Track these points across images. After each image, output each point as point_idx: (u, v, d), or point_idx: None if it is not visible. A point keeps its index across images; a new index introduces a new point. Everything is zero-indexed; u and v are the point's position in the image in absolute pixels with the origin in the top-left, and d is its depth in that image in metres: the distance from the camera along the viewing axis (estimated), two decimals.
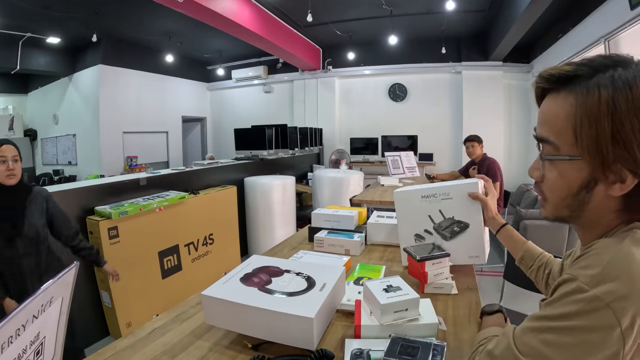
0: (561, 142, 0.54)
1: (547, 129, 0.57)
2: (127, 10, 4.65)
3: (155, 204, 2.67)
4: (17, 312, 0.46)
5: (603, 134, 0.50)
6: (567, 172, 0.55)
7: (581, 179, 0.54)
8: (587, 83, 0.52)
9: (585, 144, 0.51)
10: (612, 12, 3.20)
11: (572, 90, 0.53)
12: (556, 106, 0.55)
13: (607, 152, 0.50)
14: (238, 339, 0.84)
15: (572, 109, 0.52)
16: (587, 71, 0.52)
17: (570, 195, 0.56)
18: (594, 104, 0.50)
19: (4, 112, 7.05)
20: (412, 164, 4.13)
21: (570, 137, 0.53)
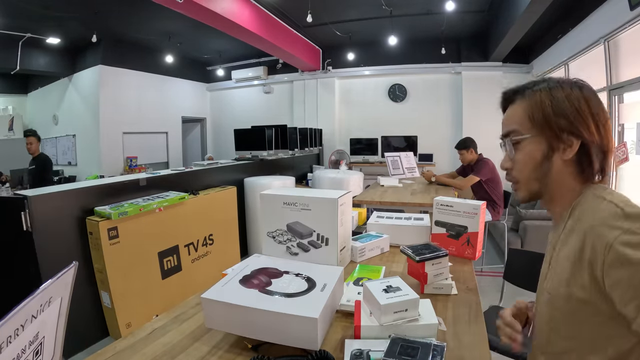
0: (523, 128, 0.76)
1: (510, 124, 0.79)
2: (127, 10, 4.65)
3: (155, 204, 2.67)
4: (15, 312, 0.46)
5: (547, 110, 0.73)
6: (531, 148, 0.75)
7: (541, 151, 0.74)
8: (531, 90, 0.77)
9: (538, 121, 0.74)
10: (612, 12, 3.20)
11: (523, 97, 0.78)
12: (515, 109, 0.79)
13: (553, 122, 0.72)
14: (238, 339, 0.83)
15: (525, 105, 0.77)
16: (530, 85, 0.78)
17: (536, 166, 0.75)
18: (538, 97, 0.75)
19: (4, 112, 7.06)
20: (412, 164, 4.12)
21: (528, 123, 0.76)
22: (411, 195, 3.14)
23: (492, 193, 3.50)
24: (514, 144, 0.78)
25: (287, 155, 5.13)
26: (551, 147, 0.73)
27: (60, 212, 2.27)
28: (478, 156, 3.60)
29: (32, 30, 5.12)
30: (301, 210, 1.17)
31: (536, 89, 0.76)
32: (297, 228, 1.19)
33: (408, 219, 1.54)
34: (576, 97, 0.72)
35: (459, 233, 1.34)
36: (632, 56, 3.08)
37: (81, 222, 2.36)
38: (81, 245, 2.35)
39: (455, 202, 1.35)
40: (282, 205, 1.19)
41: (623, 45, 3.22)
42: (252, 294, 0.82)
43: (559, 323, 0.72)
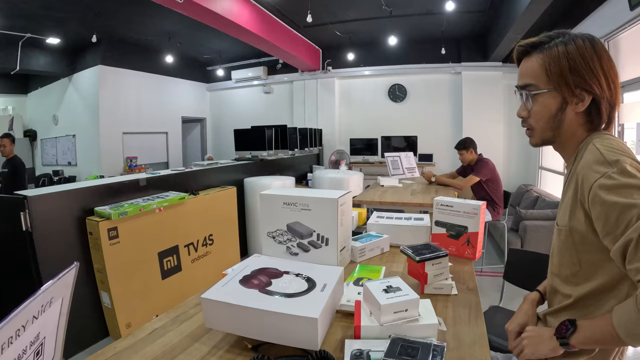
0: (539, 82, 0.83)
1: (528, 77, 0.85)
2: (127, 10, 4.65)
3: (155, 204, 2.67)
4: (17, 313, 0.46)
5: (564, 68, 0.79)
6: (547, 101, 0.83)
7: (556, 104, 0.83)
8: (548, 45, 0.83)
9: (554, 78, 0.80)
10: (612, 12, 3.20)
11: (541, 51, 0.83)
12: (532, 62, 0.85)
13: (569, 79, 0.79)
14: (238, 339, 0.84)
15: (542, 60, 0.82)
16: (546, 39, 0.84)
17: (551, 117, 0.84)
18: (555, 53, 0.81)
19: (4, 112, 7.06)
20: (412, 164, 4.12)
21: (544, 77, 0.82)
22: (411, 195, 3.14)
23: (492, 193, 3.50)
24: (531, 96, 0.84)
25: (287, 156, 5.13)
26: (565, 100, 0.81)
27: (60, 212, 2.27)
28: (478, 156, 3.60)
29: (32, 30, 5.13)
30: (301, 210, 1.17)
31: (552, 44, 0.81)
32: (297, 228, 1.19)
33: (408, 219, 1.54)
34: (590, 54, 0.78)
35: (459, 233, 1.34)
36: (632, 56, 3.08)
37: (81, 222, 2.36)
38: (81, 245, 2.35)
39: (455, 202, 1.35)
40: (282, 205, 1.19)
41: (623, 45, 3.22)
42: (252, 294, 0.82)
43: (565, 251, 0.86)
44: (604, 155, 0.74)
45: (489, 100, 5.86)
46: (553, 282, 0.94)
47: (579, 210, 0.79)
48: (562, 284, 0.90)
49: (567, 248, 0.85)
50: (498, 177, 3.55)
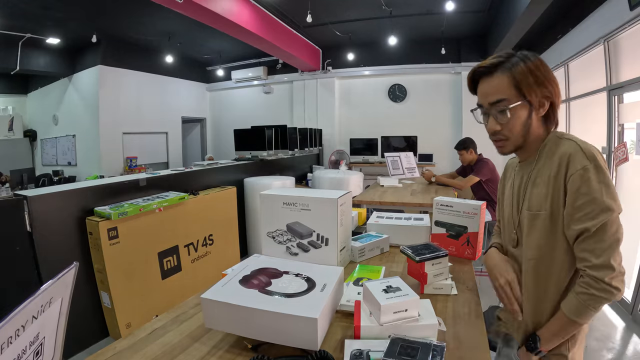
0: (510, 96, 0.92)
1: (498, 94, 0.93)
2: (127, 10, 4.65)
3: (155, 204, 2.67)
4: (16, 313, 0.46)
5: (531, 81, 0.90)
6: (519, 112, 0.93)
7: (526, 113, 0.93)
8: (509, 63, 0.92)
9: (526, 90, 0.91)
10: (612, 12, 3.20)
11: (503, 69, 0.93)
12: (498, 80, 0.93)
13: (537, 91, 0.91)
14: (238, 339, 0.84)
15: (509, 77, 0.92)
16: (504, 59, 0.93)
17: (523, 125, 0.94)
18: (521, 70, 0.91)
19: (4, 112, 7.06)
20: (412, 164, 4.12)
21: (514, 91, 0.92)
22: (411, 195, 3.14)
23: (491, 193, 3.50)
24: (503, 110, 0.93)
25: (287, 156, 5.13)
26: (532, 109, 0.93)
27: (60, 212, 2.27)
28: (478, 156, 3.60)
29: (32, 30, 5.13)
30: (301, 210, 1.17)
31: (513, 62, 0.92)
32: (297, 228, 1.19)
33: (408, 219, 1.54)
34: (544, 68, 0.92)
35: (459, 233, 1.34)
36: (632, 56, 3.08)
37: (81, 222, 2.36)
38: (81, 245, 2.35)
39: (455, 202, 1.35)
40: (282, 205, 1.19)
41: (623, 45, 3.22)
42: (252, 294, 0.81)
43: (533, 232, 0.95)
44: (583, 150, 0.86)
45: None
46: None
47: (559, 190, 0.89)
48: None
49: (536, 230, 0.94)
50: (498, 177, 3.54)
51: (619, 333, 2.51)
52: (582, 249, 0.86)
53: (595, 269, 0.84)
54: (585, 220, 0.84)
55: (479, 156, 3.59)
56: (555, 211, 0.90)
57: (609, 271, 0.83)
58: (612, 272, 0.83)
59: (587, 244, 0.85)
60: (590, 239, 0.84)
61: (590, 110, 3.81)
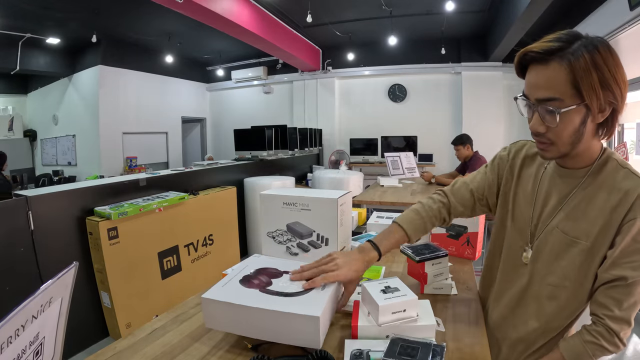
0: (565, 96, 0.72)
1: (551, 90, 0.73)
2: (127, 10, 4.66)
3: (155, 204, 2.67)
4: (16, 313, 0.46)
5: (595, 82, 0.70)
6: (572, 117, 0.74)
7: (580, 118, 0.74)
8: (570, 52, 0.71)
9: (586, 93, 0.71)
10: (612, 12, 3.20)
11: (562, 59, 0.72)
12: (553, 72, 0.73)
13: (600, 94, 0.71)
14: (238, 339, 0.84)
15: (567, 71, 0.71)
16: (565, 44, 0.72)
17: (574, 132, 0.75)
18: (583, 64, 0.70)
19: (4, 112, 7.06)
20: (412, 164, 4.13)
21: (571, 91, 0.72)
22: (411, 195, 3.14)
23: None
24: (552, 111, 0.74)
25: (287, 156, 5.13)
26: (589, 113, 0.74)
27: (60, 212, 2.27)
28: (473, 153, 3.63)
29: (32, 30, 5.13)
30: (301, 210, 1.17)
31: (576, 51, 0.71)
32: (297, 228, 1.19)
33: None
34: (614, 64, 0.72)
35: (459, 233, 1.34)
36: (632, 56, 3.08)
37: (81, 222, 2.36)
38: (81, 245, 2.35)
39: None
40: (282, 205, 1.19)
41: (623, 45, 3.22)
42: (253, 294, 0.81)
43: (564, 259, 0.83)
44: None
45: (489, 100, 5.86)
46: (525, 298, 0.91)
47: (609, 230, 0.78)
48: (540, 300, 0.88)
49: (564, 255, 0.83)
50: None
51: None
52: (608, 296, 0.78)
53: (614, 321, 0.76)
54: (627, 269, 0.75)
55: (475, 153, 3.62)
56: (597, 247, 0.79)
57: (626, 327, 0.77)
58: (628, 329, 0.77)
59: (616, 292, 0.77)
60: (621, 289, 0.76)
61: None
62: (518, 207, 0.94)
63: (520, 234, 0.93)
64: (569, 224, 0.83)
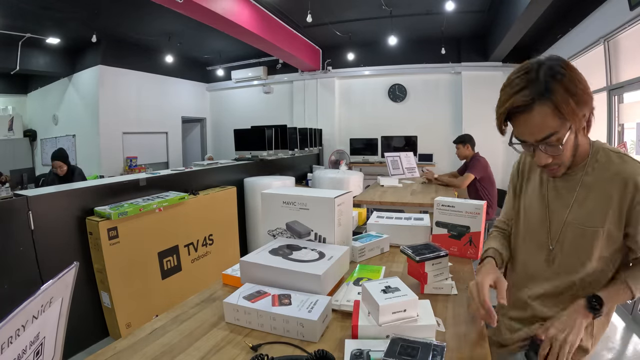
0: (558, 128, 0.85)
1: (546, 129, 0.85)
2: (127, 10, 4.65)
3: (155, 204, 2.67)
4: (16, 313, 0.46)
5: (574, 105, 0.82)
6: (569, 139, 0.87)
7: (574, 135, 0.89)
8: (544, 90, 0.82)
9: (570, 117, 0.83)
10: (612, 12, 3.20)
11: (543, 101, 0.82)
12: (539, 116, 0.84)
13: (579, 113, 0.84)
14: (238, 339, 0.84)
15: (552, 108, 0.82)
16: (536, 82, 0.83)
17: (573, 148, 0.92)
18: (561, 96, 0.81)
19: (4, 112, 7.06)
20: (412, 164, 4.13)
21: (559, 121, 0.84)
22: (411, 195, 3.14)
23: (482, 192, 3.52)
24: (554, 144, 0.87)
25: (287, 155, 5.13)
26: (578, 128, 0.88)
27: (60, 212, 2.27)
28: (474, 154, 3.63)
29: (32, 30, 5.12)
30: (300, 209, 1.18)
31: (548, 86, 0.81)
32: (296, 227, 1.19)
33: (408, 219, 1.54)
34: (577, 78, 0.83)
35: (461, 233, 1.34)
36: (632, 56, 3.08)
37: (81, 222, 2.36)
38: (81, 245, 2.35)
39: (456, 203, 1.35)
40: (282, 204, 1.20)
41: (623, 45, 3.22)
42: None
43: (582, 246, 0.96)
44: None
45: (489, 100, 5.82)
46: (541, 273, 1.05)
47: (619, 214, 0.91)
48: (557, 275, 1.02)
49: (586, 245, 0.95)
50: (491, 176, 3.58)
51: (619, 333, 2.51)
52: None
53: None
54: None
55: (475, 154, 3.63)
56: (612, 229, 0.93)
57: None
58: None
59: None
60: None
61: None
62: (527, 212, 1.10)
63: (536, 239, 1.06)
64: (584, 214, 0.95)
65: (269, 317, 0.85)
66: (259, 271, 1.02)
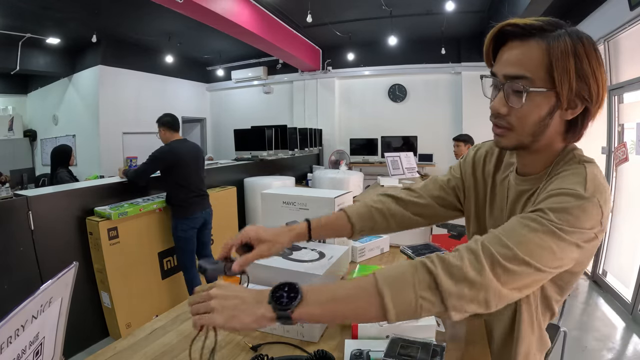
0: (535, 77, 0.65)
1: (523, 68, 0.66)
2: (127, 10, 4.65)
3: (155, 204, 2.67)
4: (16, 313, 0.46)
5: (571, 68, 0.64)
6: (539, 102, 0.67)
7: (549, 107, 0.67)
8: (552, 34, 0.65)
9: (559, 77, 0.64)
10: (612, 12, 3.20)
11: (542, 39, 0.65)
12: (530, 50, 0.66)
13: (572, 83, 0.64)
14: (238, 339, 0.84)
15: (544, 52, 0.65)
16: (549, 27, 0.66)
17: (538, 121, 0.68)
18: (562, 48, 0.64)
19: (4, 112, 7.05)
20: (412, 164, 4.12)
21: (543, 73, 0.65)
22: None
23: None
24: (519, 91, 0.67)
25: (287, 156, 5.13)
26: (558, 104, 0.67)
27: (60, 212, 2.27)
28: None
29: (32, 30, 5.12)
30: (299, 209, 1.18)
31: (558, 35, 0.65)
32: None
33: None
34: (595, 58, 0.65)
35: (461, 233, 1.34)
36: (632, 56, 3.08)
37: (81, 222, 2.36)
38: (81, 245, 2.35)
39: None
40: (282, 204, 1.20)
41: (623, 45, 3.22)
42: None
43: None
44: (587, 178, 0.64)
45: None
46: None
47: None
48: None
49: None
50: None
51: (619, 333, 2.51)
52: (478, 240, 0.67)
53: None
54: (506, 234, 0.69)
55: None
56: None
57: None
58: None
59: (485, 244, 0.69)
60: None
61: None
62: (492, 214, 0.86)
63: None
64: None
65: None
66: (259, 271, 1.02)
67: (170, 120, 2.75)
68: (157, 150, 2.65)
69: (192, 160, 2.75)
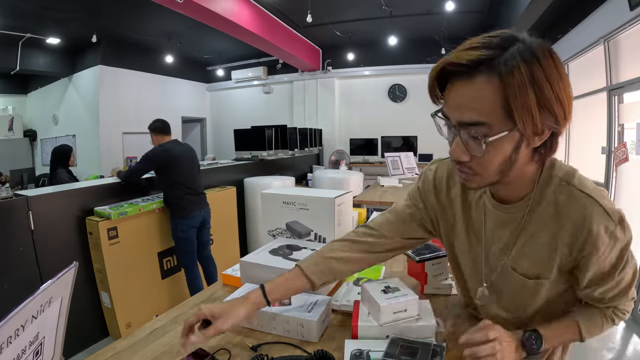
0: (493, 120, 0.58)
1: (474, 113, 0.58)
2: (127, 10, 4.65)
3: (154, 204, 2.67)
4: (16, 313, 0.46)
5: (532, 102, 0.55)
6: (502, 145, 0.60)
7: (513, 145, 0.60)
8: (503, 63, 0.55)
9: (519, 114, 0.56)
10: (612, 12, 3.20)
11: (492, 73, 0.56)
12: (480, 90, 0.57)
13: (536, 117, 0.56)
14: (238, 339, 0.84)
15: (497, 89, 0.56)
16: (496, 52, 0.56)
17: (504, 161, 0.62)
18: (518, 81, 0.55)
19: (4, 112, 7.05)
20: (412, 164, 4.12)
21: (500, 113, 0.57)
22: None
23: None
24: (477, 138, 0.59)
25: (287, 156, 5.13)
26: (522, 139, 0.60)
27: (60, 212, 2.27)
28: None
29: (32, 30, 5.12)
30: (299, 209, 1.18)
31: (508, 62, 0.55)
32: (296, 227, 1.19)
33: None
34: (557, 78, 0.57)
35: None
36: (632, 56, 3.08)
37: (81, 222, 2.36)
38: (81, 245, 2.35)
39: None
40: (282, 204, 1.20)
41: (623, 45, 3.22)
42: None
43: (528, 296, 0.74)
44: (606, 210, 0.64)
45: None
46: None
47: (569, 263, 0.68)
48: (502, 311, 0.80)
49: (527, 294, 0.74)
50: None
51: (619, 333, 2.51)
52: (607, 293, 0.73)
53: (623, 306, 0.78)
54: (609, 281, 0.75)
55: None
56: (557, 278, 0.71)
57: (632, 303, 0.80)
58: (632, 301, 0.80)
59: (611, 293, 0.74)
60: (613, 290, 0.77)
61: (590, 111, 3.81)
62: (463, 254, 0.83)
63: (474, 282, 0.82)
64: (525, 264, 0.72)
65: (268, 317, 0.85)
66: (259, 271, 1.02)
67: (161, 125, 2.85)
68: (150, 150, 2.71)
69: (186, 160, 2.78)
